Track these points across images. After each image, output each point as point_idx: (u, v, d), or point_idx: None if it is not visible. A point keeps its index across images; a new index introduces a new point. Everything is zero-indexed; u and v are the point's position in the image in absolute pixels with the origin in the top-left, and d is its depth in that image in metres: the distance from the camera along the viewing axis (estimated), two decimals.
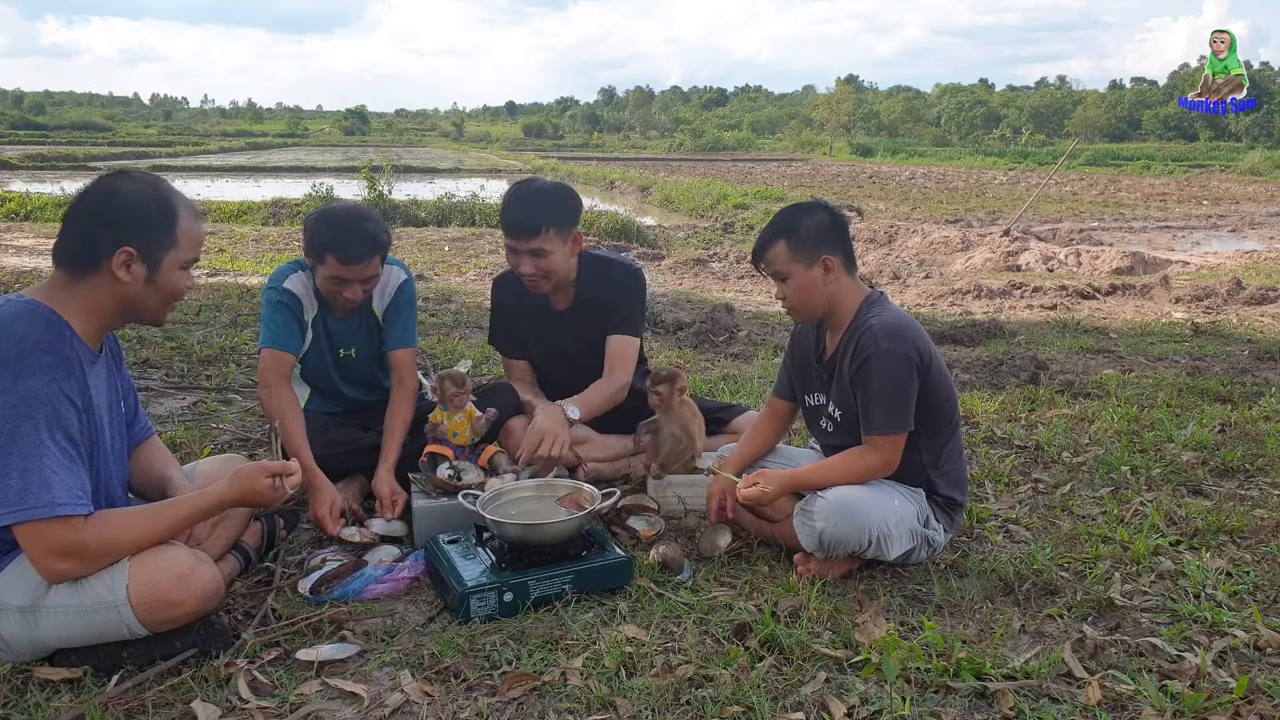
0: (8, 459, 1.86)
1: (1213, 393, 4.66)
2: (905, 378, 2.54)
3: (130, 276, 2.00)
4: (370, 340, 3.22)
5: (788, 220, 2.65)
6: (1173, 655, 2.20)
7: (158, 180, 2.13)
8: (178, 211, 2.06)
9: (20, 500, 1.86)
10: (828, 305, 2.66)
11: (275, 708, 1.96)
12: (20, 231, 11.80)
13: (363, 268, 2.90)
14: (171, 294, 2.10)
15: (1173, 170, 36.76)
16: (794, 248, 2.61)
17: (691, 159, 47.48)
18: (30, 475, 1.86)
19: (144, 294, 2.05)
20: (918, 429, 2.60)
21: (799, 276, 2.62)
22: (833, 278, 2.62)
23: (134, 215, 2.01)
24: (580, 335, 3.30)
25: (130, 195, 2.03)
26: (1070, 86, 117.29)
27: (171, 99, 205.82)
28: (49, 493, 1.87)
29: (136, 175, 2.12)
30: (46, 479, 1.87)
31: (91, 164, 32.54)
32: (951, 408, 2.70)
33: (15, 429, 1.86)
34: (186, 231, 2.07)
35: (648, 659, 2.13)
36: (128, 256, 1.99)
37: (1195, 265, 10.76)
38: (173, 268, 2.06)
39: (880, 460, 2.59)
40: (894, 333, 2.54)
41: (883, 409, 2.55)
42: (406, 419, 3.10)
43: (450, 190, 16.64)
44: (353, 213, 3.02)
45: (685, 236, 13.48)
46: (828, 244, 2.61)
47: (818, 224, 2.62)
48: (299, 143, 65.51)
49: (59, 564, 1.93)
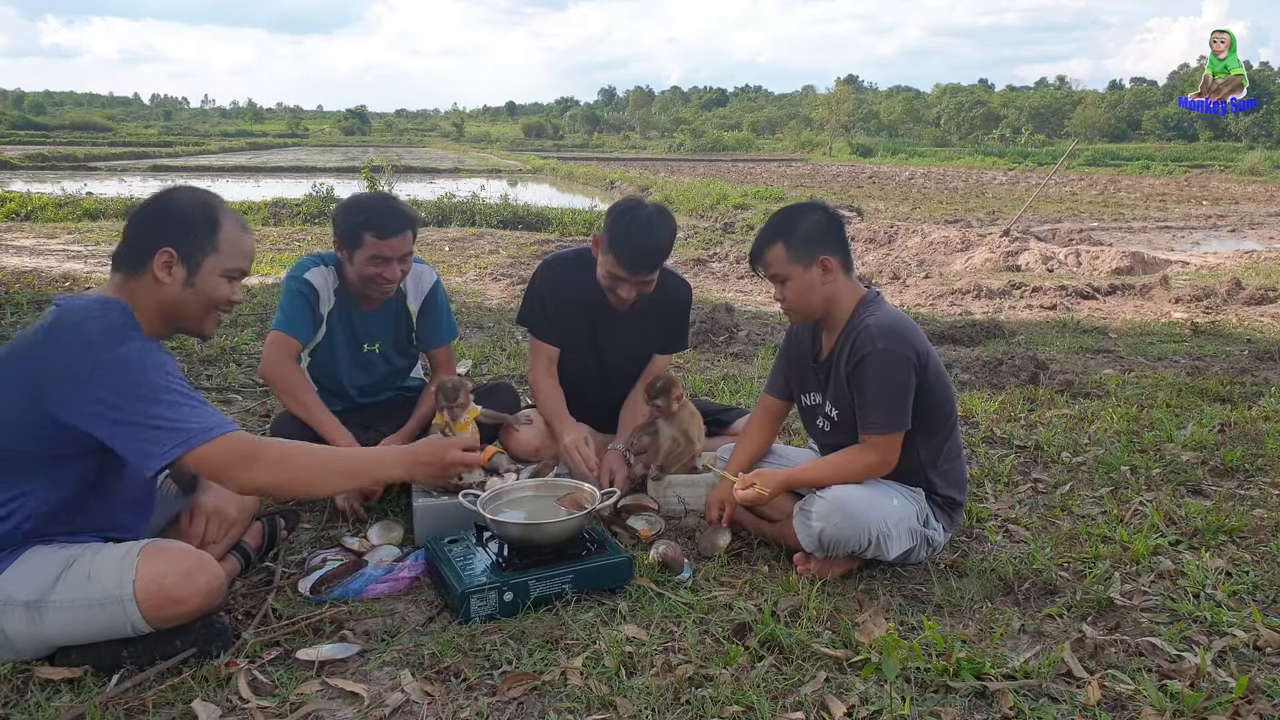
0: (148, 408, 1.93)
1: (1212, 393, 4.66)
2: (902, 377, 2.54)
3: (170, 278, 2.08)
4: (397, 334, 3.27)
5: (785, 222, 2.65)
6: (1172, 655, 2.20)
7: (209, 193, 2.23)
8: (221, 219, 2.14)
9: (177, 436, 1.94)
10: (825, 306, 2.66)
11: (275, 707, 1.96)
12: (20, 231, 11.78)
13: (399, 242, 2.99)
14: (212, 301, 2.15)
15: (1172, 170, 36.74)
16: (792, 249, 2.61)
17: (691, 159, 47.48)
18: (177, 412, 1.95)
19: (184, 298, 2.11)
20: (915, 428, 2.61)
21: (797, 278, 2.62)
22: (831, 278, 2.62)
23: (177, 218, 2.11)
24: (622, 340, 3.28)
25: (177, 201, 2.14)
26: (1070, 87, 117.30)
27: (172, 99, 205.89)
28: (201, 420, 1.97)
29: (189, 187, 2.23)
30: (191, 413, 1.96)
31: (91, 164, 32.55)
32: (949, 407, 2.70)
33: (139, 384, 1.94)
34: (229, 239, 2.14)
35: (648, 659, 2.13)
36: (168, 257, 2.07)
37: (1195, 265, 10.75)
38: (213, 273, 2.12)
39: (877, 459, 2.60)
40: (890, 332, 2.54)
41: (879, 408, 2.55)
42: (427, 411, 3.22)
43: (450, 190, 16.64)
44: (382, 195, 3.24)
45: (685, 236, 13.45)
46: (825, 244, 2.61)
47: (814, 225, 2.63)
48: (299, 143, 65.44)
49: (246, 472, 2.02)
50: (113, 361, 1.93)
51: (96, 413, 1.92)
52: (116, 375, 1.93)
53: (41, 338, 1.99)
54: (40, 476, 2.01)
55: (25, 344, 2.02)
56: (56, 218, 13.46)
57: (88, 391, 1.91)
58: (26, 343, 2.02)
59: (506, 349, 5.62)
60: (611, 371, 3.33)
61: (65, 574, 1.99)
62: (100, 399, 1.91)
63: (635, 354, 3.34)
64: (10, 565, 1.99)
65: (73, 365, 1.92)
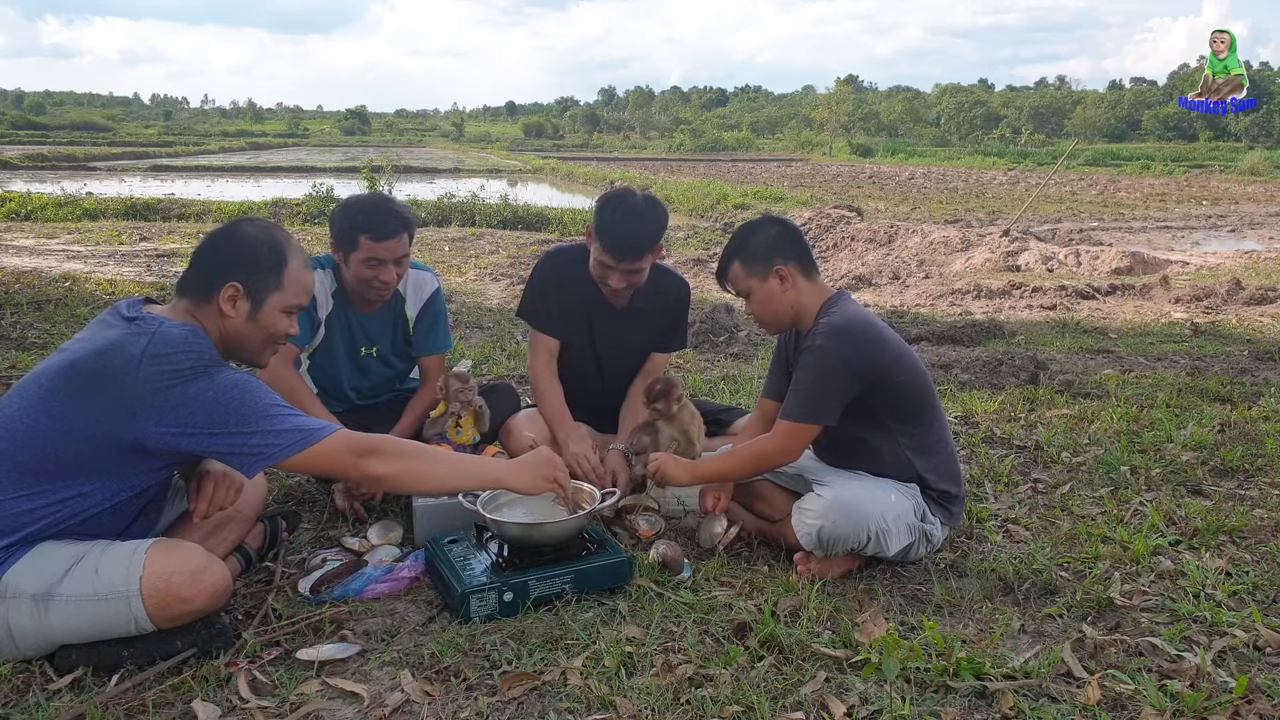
0: (255, 425, 2.00)
1: (1212, 393, 4.66)
2: (832, 373, 2.56)
3: (235, 311, 2.13)
4: (395, 339, 3.28)
5: (738, 240, 2.75)
6: (1172, 655, 2.20)
7: (277, 228, 2.27)
8: (288, 258, 2.19)
9: (290, 440, 2.03)
10: (791, 312, 2.72)
11: (275, 707, 1.96)
12: (20, 231, 11.78)
13: (395, 244, 2.99)
14: (271, 335, 2.20)
15: (1172, 170, 36.75)
16: (747, 265, 2.70)
17: (691, 159, 47.48)
18: (283, 422, 2.03)
19: (246, 331, 2.16)
20: (890, 424, 2.64)
21: (758, 290, 2.71)
22: (789, 285, 2.69)
23: (246, 254, 2.15)
24: (619, 336, 3.29)
25: (247, 236, 2.18)
26: (1070, 87, 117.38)
27: (172, 99, 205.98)
28: (308, 424, 2.07)
29: (259, 221, 2.29)
30: (299, 420, 2.06)
31: (91, 164, 32.55)
32: (924, 403, 2.70)
33: (241, 406, 2.00)
34: (294, 277, 2.19)
35: (648, 659, 2.13)
36: (234, 291, 2.12)
37: (1195, 265, 10.75)
38: (275, 309, 2.18)
39: (776, 447, 2.64)
40: (837, 331, 2.58)
41: (801, 397, 2.59)
42: (423, 409, 3.23)
43: (450, 190, 16.62)
44: (378, 197, 3.21)
45: (685, 236, 13.47)
46: (778, 254, 2.68)
47: (766, 238, 2.71)
48: (299, 143, 65.45)
49: (367, 464, 2.12)
50: (214, 392, 1.98)
51: (192, 435, 1.98)
52: (219, 404, 1.98)
53: (135, 358, 1.95)
54: (105, 482, 2.04)
55: (119, 360, 1.96)
56: (56, 218, 13.47)
57: (187, 419, 1.96)
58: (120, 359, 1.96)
59: (506, 349, 5.63)
60: (608, 368, 3.33)
61: (74, 569, 2.00)
62: (199, 424, 1.97)
63: (632, 350, 3.34)
64: (21, 558, 2.00)
65: (170, 396, 1.95)
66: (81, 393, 1.96)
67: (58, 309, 6.41)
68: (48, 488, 2.00)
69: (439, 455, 2.34)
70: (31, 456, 1.98)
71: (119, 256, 9.56)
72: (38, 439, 1.97)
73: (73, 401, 1.96)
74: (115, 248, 10.26)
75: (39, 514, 2.00)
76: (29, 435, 1.98)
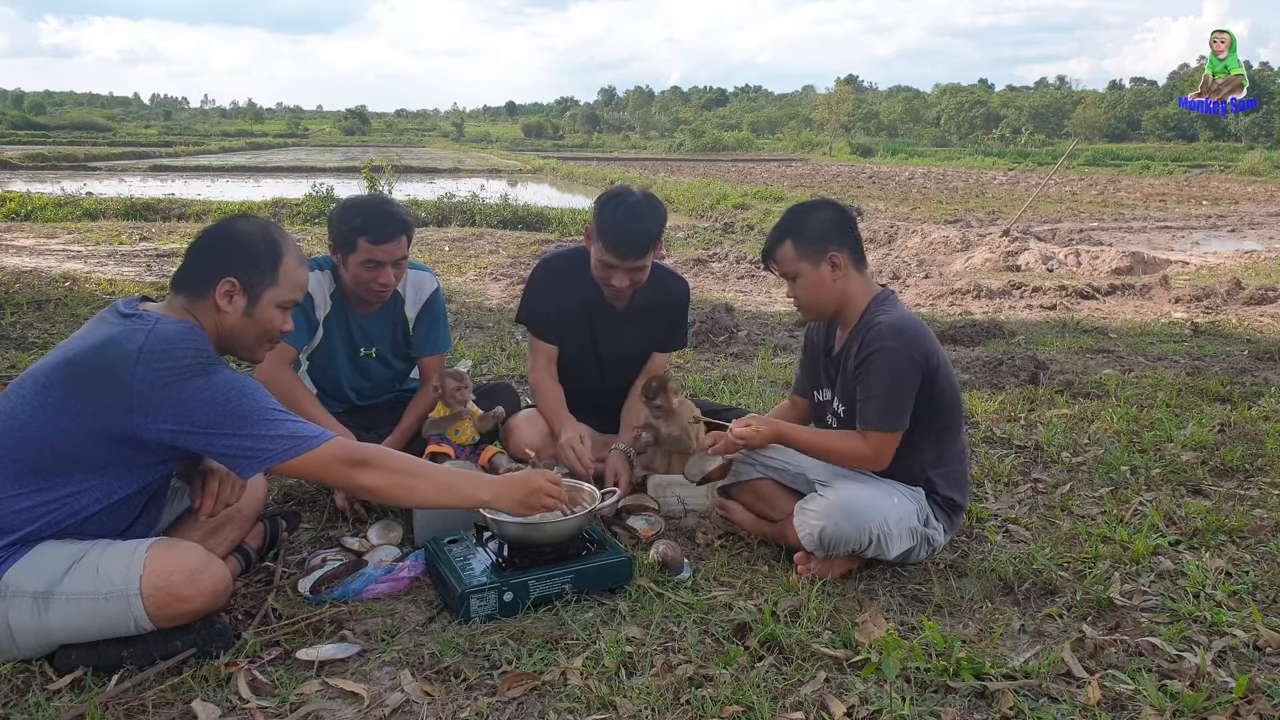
0: (250, 428, 2.01)
1: (1212, 393, 4.66)
2: (906, 378, 2.53)
3: (231, 307, 2.14)
4: (394, 340, 3.28)
5: (793, 220, 2.67)
6: (1172, 655, 2.20)
7: (272, 224, 2.28)
8: (283, 254, 2.20)
9: (283, 445, 2.04)
10: (837, 302, 2.67)
11: (275, 707, 1.96)
12: (20, 231, 11.78)
13: (394, 247, 2.99)
14: (266, 331, 2.21)
15: (1172, 170, 36.75)
16: (800, 246, 2.62)
17: (691, 159, 47.48)
18: (278, 428, 2.05)
19: (241, 326, 2.17)
20: (920, 429, 2.60)
21: (807, 274, 2.63)
22: (840, 274, 2.63)
23: (242, 250, 2.16)
24: (620, 337, 3.29)
25: (242, 232, 2.19)
26: (1070, 87, 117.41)
27: (172, 99, 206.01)
28: (303, 430, 2.08)
29: (254, 218, 2.28)
30: (294, 426, 2.08)
31: (91, 164, 32.55)
32: (956, 410, 2.70)
33: (237, 408, 2.01)
34: (289, 273, 2.20)
35: (648, 659, 2.13)
36: (230, 287, 2.13)
37: (1195, 265, 10.75)
38: (270, 305, 2.18)
39: (869, 452, 2.59)
40: (900, 332, 2.54)
41: (879, 406, 2.55)
42: (423, 410, 3.22)
43: (450, 190, 16.62)
44: (377, 198, 3.20)
45: (685, 236, 13.46)
46: (834, 240, 2.62)
47: (823, 221, 2.63)
48: (299, 143, 65.44)
49: (357, 474, 2.15)
50: (211, 391, 1.99)
51: (189, 433, 1.99)
52: (215, 404, 1.99)
53: (133, 353, 1.96)
54: (103, 478, 2.04)
55: (117, 355, 1.96)
56: (56, 218, 13.47)
57: (184, 416, 1.97)
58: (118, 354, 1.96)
59: (506, 349, 5.62)
60: (609, 369, 3.33)
61: (74, 567, 2.00)
62: (195, 422, 1.98)
63: (633, 351, 3.34)
64: (22, 557, 2.00)
65: (169, 393, 1.96)
66: (79, 388, 1.96)
67: (58, 309, 6.41)
68: (46, 485, 2.00)
69: (429, 471, 2.32)
70: (29, 453, 1.98)
71: (119, 256, 9.55)
72: (35, 435, 1.97)
73: (70, 397, 1.96)
74: (115, 248, 10.26)
75: (38, 512, 2.00)
76: (26, 432, 1.98)
